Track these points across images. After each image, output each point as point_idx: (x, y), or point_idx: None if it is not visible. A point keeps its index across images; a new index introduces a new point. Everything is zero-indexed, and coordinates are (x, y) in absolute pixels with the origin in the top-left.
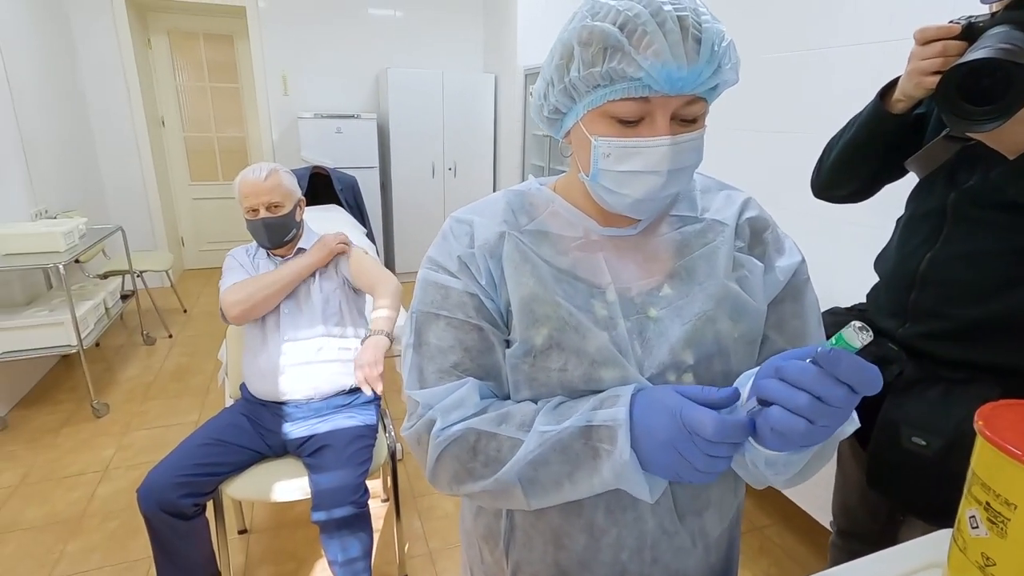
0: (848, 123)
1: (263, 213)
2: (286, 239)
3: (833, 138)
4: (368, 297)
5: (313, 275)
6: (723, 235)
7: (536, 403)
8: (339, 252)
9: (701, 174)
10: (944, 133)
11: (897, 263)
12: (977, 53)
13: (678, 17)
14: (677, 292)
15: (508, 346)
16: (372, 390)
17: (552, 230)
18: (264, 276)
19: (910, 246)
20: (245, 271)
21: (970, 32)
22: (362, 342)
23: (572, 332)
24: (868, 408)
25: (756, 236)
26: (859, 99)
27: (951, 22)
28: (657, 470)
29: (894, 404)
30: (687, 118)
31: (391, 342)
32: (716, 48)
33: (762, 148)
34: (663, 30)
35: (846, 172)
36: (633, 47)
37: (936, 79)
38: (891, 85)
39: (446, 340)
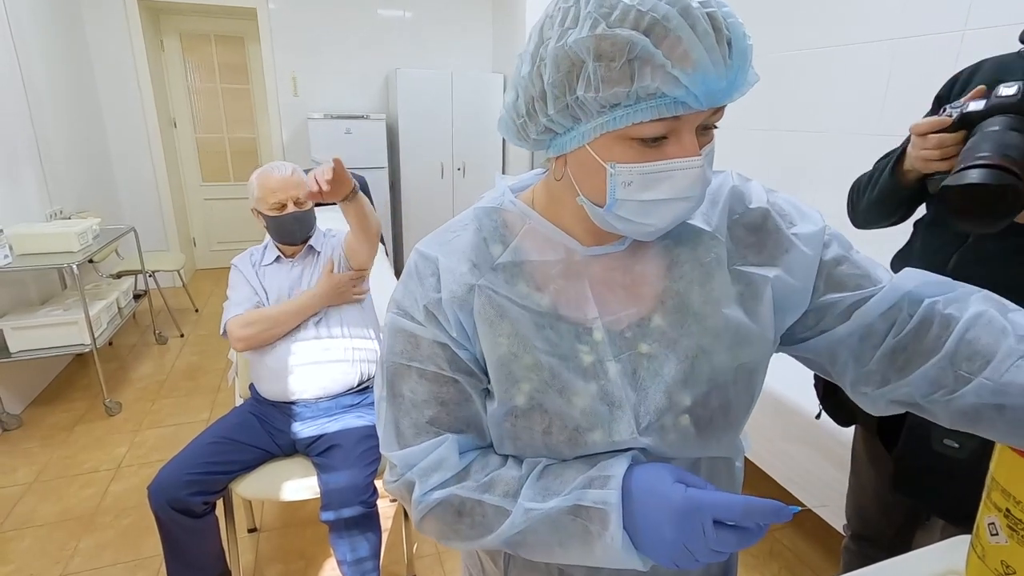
0: (869, 176)
1: (291, 208)
2: (309, 234)
3: (860, 180)
4: (373, 296)
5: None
6: (715, 250)
7: (520, 462)
8: (356, 301)
9: None
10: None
11: (923, 263)
12: (971, 176)
13: (707, 14)
14: (669, 323)
15: (489, 395)
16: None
17: (529, 256)
18: (273, 313)
19: (936, 245)
20: (250, 285)
21: (966, 122)
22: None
23: (555, 394)
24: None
25: (757, 232)
26: (870, 96)
27: (944, 113)
28: (657, 560)
29: None
30: (710, 125)
31: (355, 185)
32: (746, 47)
33: (774, 147)
34: (697, 33)
35: (878, 219)
36: (667, 58)
37: (941, 164)
38: (905, 148)
39: (420, 393)
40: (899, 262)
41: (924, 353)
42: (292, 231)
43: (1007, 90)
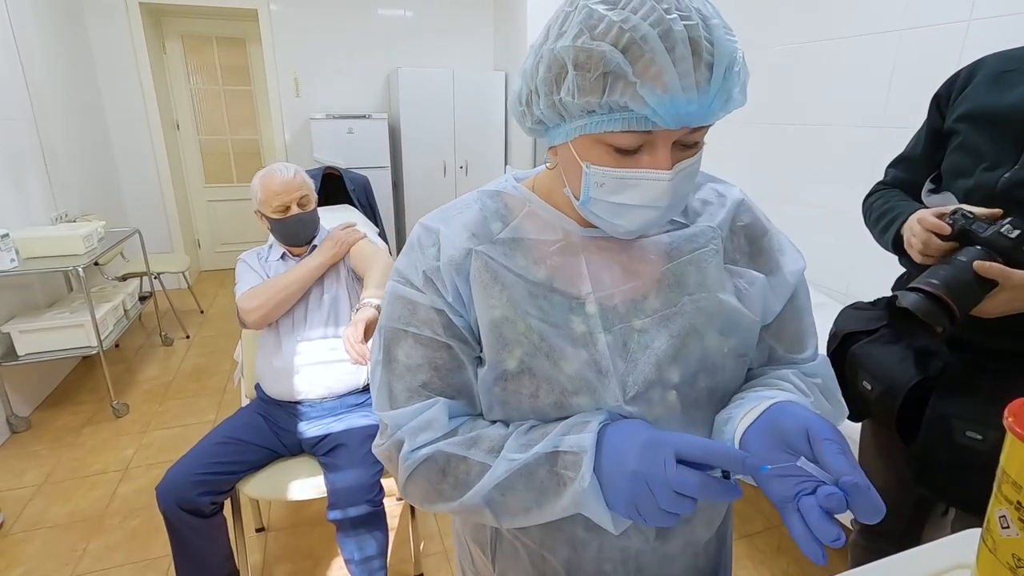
0: (876, 221)
1: (295, 209)
2: (314, 234)
3: (867, 209)
4: None
5: (320, 277)
6: (714, 242)
7: (507, 425)
8: (354, 242)
9: None
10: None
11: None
12: (909, 299)
13: (690, 39)
14: (664, 301)
15: (480, 363)
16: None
17: (529, 235)
18: (279, 279)
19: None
20: (258, 276)
21: (961, 238)
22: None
23: (543, 358)
24: (912, 404)
25: (755, 244)
26: (874, 89)
27: (952, 216)
28: (619, 503)
29: (942, 399)
30: (689, 143)
31: (379, 312)
32: (728, 73)
33: (778, 141)
34: (672, 56)
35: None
36: (637, 77)
37: (920, 257)
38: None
39: (415, 358)
40: (906, 261)
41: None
42: (296, 233)
43: (1011, 231)
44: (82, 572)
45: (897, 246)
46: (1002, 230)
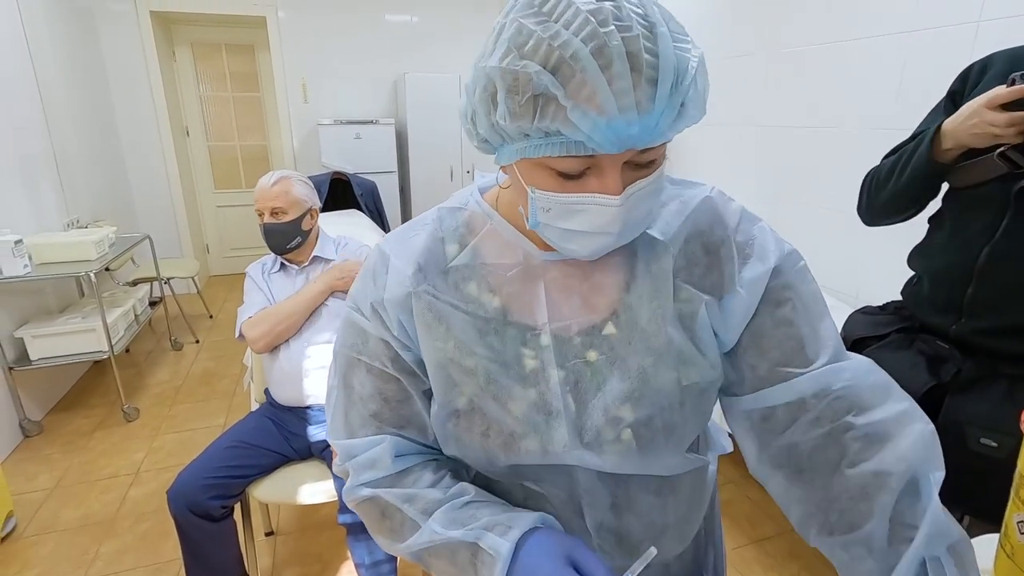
0: (893, 164)
1: (267, 218)
2: (288, 246)
3: (877, 171)
4: None
5: None
6: (664, 261)
7: (453, 483)
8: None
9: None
10: (999, 152)
11: (949, 257)
12: None
13: (628, 53)
14: (621, 334)
15: (430, 396)
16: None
17: (487, 259)
18: (281, 308)
19: (962, 239)
20: (262, 294)
21: None
22: None
23: (491, 400)
24: (925, 410)
25: (712, 257)
26: (883, 90)
27: (1011, 84)
28: None
29: (955, 404)
30: (643, 163)
31: None
32: (676, 88)
33: (785, 144)
34: (608, 74)
35: (899, 211)
36: (569, 99)
37: (1016, 138)
38: (938, 129)
39: (367, 388)
40: (920, 259)
41: (821, 478)
42: (268, 241)
43: None
44: (94, 575)
45: (926, 171)
46: None
